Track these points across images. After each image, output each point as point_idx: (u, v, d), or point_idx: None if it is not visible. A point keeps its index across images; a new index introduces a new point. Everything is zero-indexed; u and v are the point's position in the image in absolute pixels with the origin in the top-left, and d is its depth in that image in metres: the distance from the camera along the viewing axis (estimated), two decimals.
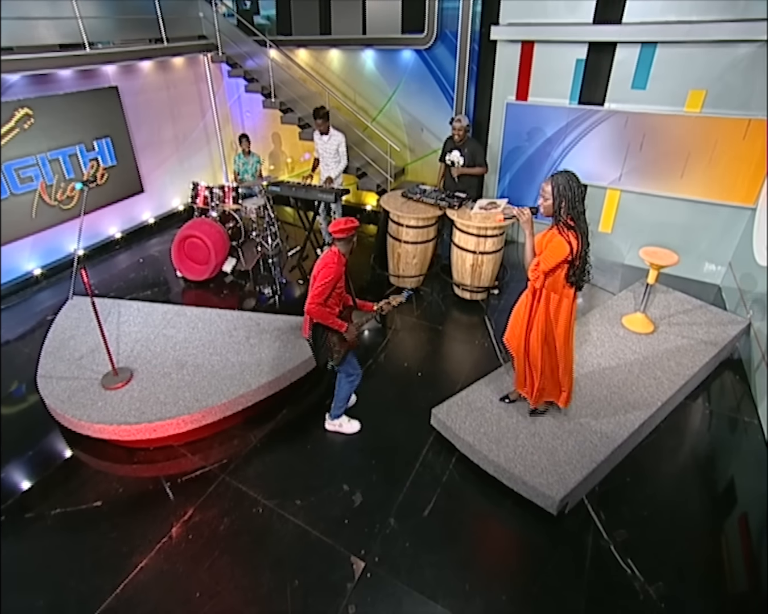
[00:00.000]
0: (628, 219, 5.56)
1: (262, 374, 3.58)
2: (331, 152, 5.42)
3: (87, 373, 3.61)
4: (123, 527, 2.81)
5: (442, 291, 5.20)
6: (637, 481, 3.06)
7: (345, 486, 3.03)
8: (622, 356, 3.84)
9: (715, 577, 2.55)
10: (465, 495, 2.98)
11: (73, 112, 5.52)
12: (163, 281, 5.46)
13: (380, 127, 6.54)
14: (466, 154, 4.89)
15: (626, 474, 3.10)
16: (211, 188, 5.58)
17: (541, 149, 5.70)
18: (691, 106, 4.85)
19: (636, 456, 3.22)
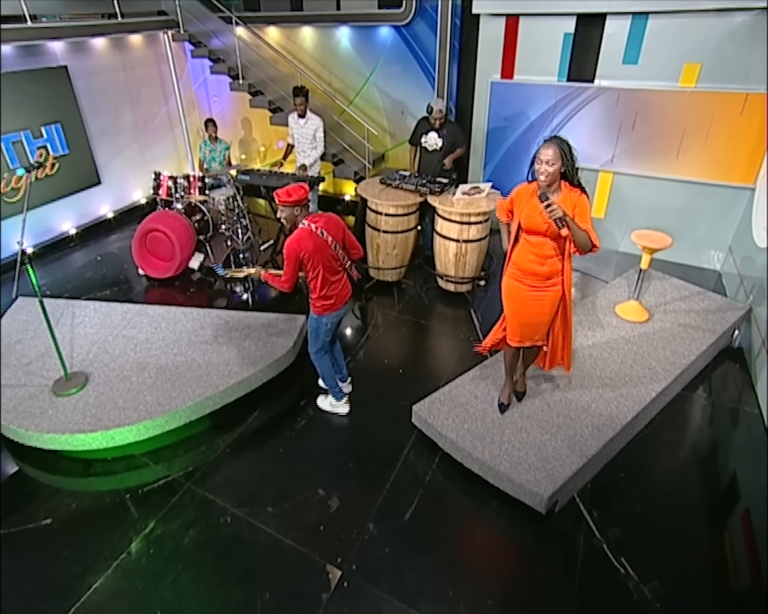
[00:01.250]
0: (621, 203, 5.66)
1: (231, 375, 3.58)
2: (308, 137, 5.43)
3: (36, 380, 3.57)
4: (76, 545, 2.78)
5: (425, 283, 5.25)
6: (632, 477, 3.12)
7: (321, 491, 3.04)
8: (614, 346, 3.90)
9: (714, 576, 2.60)
10: (448, 496, 3.01)
11: (16, 93, 5.40)
12: (123, 280, 5.42)
13: (357, 110, 6.57)
14: (444, 137, 4.93)
15: (620, 469, 3.15)
16: (174, 178, 5.54)
17: (529, 130, 5.77)
18: (685, 80, 4.95)
19: (630, 451, 3.27)
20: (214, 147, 6.18)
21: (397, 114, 6.47)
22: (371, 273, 5.22)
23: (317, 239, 2.99)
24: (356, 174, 6.38)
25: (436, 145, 5.00)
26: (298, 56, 6.67)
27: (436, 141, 4.98)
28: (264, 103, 6.48)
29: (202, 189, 5.64)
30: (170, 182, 5.56)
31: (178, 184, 5.55)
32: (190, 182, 5.61)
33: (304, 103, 5.25)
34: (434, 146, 5.02)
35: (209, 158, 6.24)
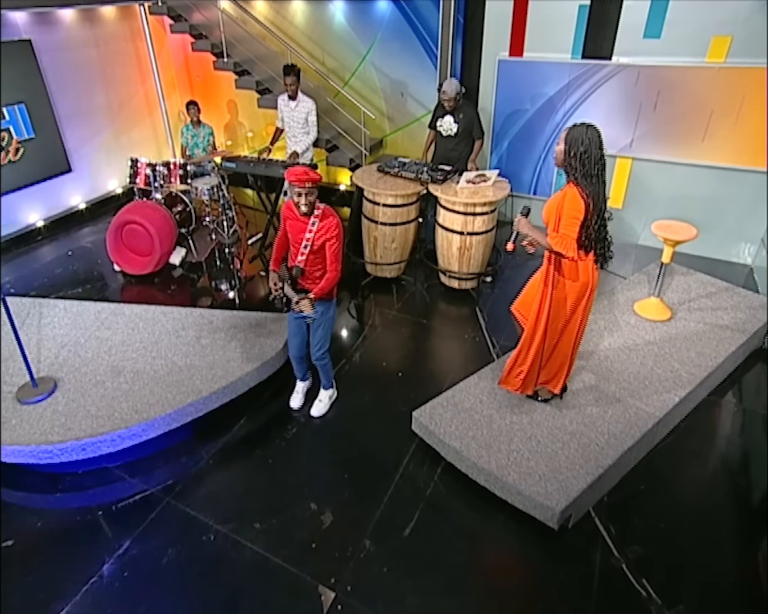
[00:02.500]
0: (641, 192, 5.67)
1: (215, 379, 3.59)
2: (300, 121, 5.45)
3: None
4: (41, 569, 2.77)
5: (427, 279, 5.26)
6: (653, 490, 3.13)
7: (312, 505, 3.05)
8: (633, 347, 3.92)
9: (745, 600, 2.59)
10: (452, 510, 3.02)
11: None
12: (97, 276, 5.43)
13: (353, 92, 6.58)
14: (460, 121, 4.96)
15: (640, 481, 3.16)
16: (153, 165, 5.55)
17: (540, 113, 5.79)
18: (713, 55, 4.96)
19: (651, 461, 3.28)
20: (197, 132, 6.19)
21: (396, 96, 6.49)
22: (368, 268, 5.24)
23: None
24: (352, 161, 6.39)
25: (451, 130, 5.02)
26: (288, 32, 6.69)
27: (451, 125, 5.00)
28: (251, 83, 6.50)
29: (184, 177, 5.66)
30: (149, 170, 5.56)
31: (157, 171, 5.56)
32: (170, 170, 5.63)
33: (295, 84, 5.26)
34: (449, 131, 5.04)
35: (192, 144, 6.25)
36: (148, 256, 5.23)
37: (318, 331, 3.37)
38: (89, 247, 6.04)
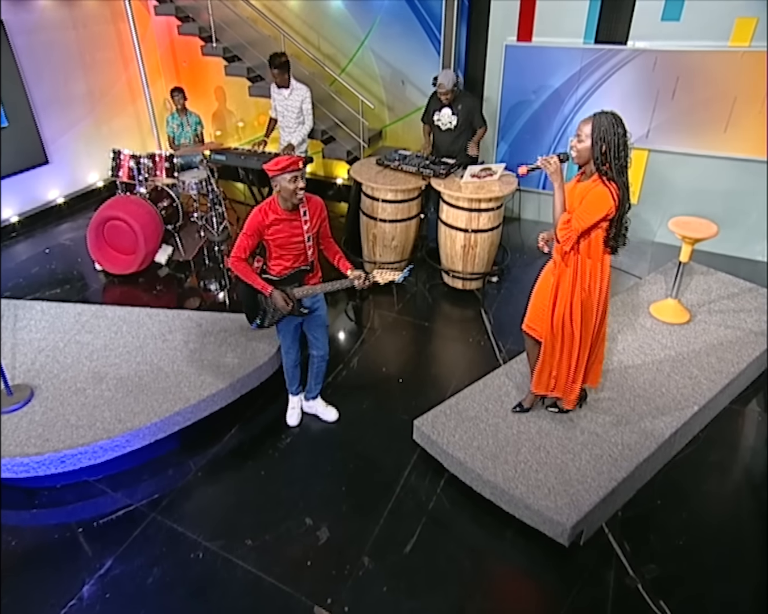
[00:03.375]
0: (658, 185, 5.70)
1: (204, 386, 3.62)
2: (294, 111, 5.47)
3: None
4: (15, 591, 2.77)
5: (429, 279, 5.30)
6: (671, 504, 3.15)
7: (308, 520, 3.07)
8: (649, 351, 3.94)
9: None
10: (456, 525, 3.04)
11: None
12: (77, 276, 5.45)
13: (351, 79, 6.61)
14: (459, 112, 4.99)
15: (656, 495, 3.18)
16: (137, 157, 5.56)
17: (550, 102, 5.83)
18: (737, 39, 4.98)
19: (668, 474, 3.31)
20: (183, 120, 6.23)
21: (397, 84, 6.52)
22: (366, 268, 5.25)
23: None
24: (349, 154, 6.42)
25: (450, 124, 5.05)
26: (281, 15, 6.72)
27: (450, 118, 5.03)
28: (241, 70, 6.53)
29: (170, 170, 5.68)
30: (132, 162, 5.57)
31: (141, 164, 5.57)
32: (155, 162, 5.65)
33: (282, 75, 5.25)
34: (448, 124, 5.07)
35: (178, 134, 6.29)
36: (131, 254, 5.26)
37: (322, 327, 3.45)
38: (68, 245, 6.06)
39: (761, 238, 5.44)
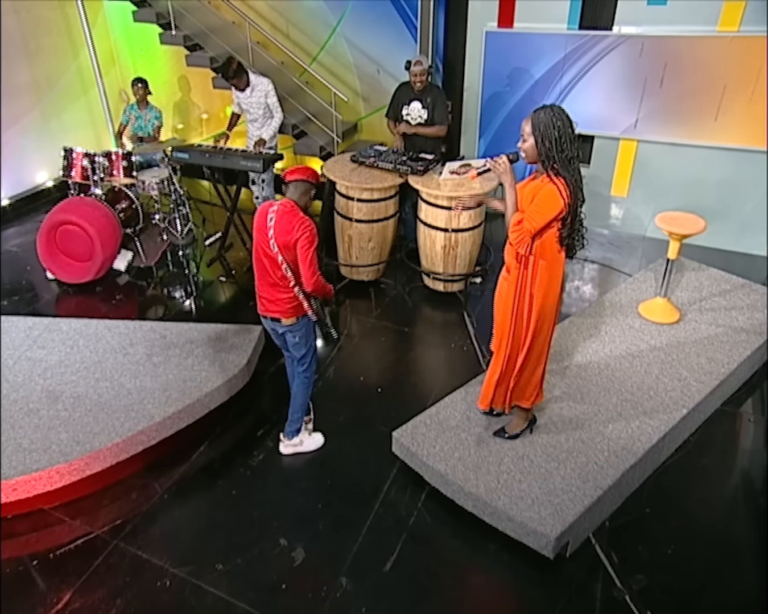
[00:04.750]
0: (648, 177, 5.89)
1: (170, 402, 3.66)
2: (259, 107, 5.56)
3: None
4: None
5: (409, 282, 5.41)
6: (660, 512, 3.28)
7: (282, 541, 3.15)
8: (637, 353, 4.10)
9: None
10: (437, 540, 3.15)
11: None
12: (26, 286, 5.44)
13: (322, 69, 6.72)
14: (429, 105, 5.09)
15: (645, 503, 3.31)
16: (92, 156, 5.56)
17: (533, 91, 5.98)
18: (725, 23, 5.16)
19: (657, 481, 3.44)
20: (142, 114, 6.27)
21: (372, 73, 6.64)
22: (342, 271, 5.37)
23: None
24: (322, 149, 6.51)
25: (421, 118, 5.16)
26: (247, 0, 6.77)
27: (420, 112, 5.14)
28: (204, 60, 6.59)
29: (129, 169, 5.71)
30: (86, 161, 5.56)
31: (96, 163, 5.56)
32: (112, 161, 5.66)
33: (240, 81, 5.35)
34: (418, 118, 5.17)
35: (135, 127, 6.30)
36: (87, 261, 5.26)
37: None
38: (15, 252, 6.03)
39: (756, 230, 5.60)
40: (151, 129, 6.25)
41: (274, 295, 3.26)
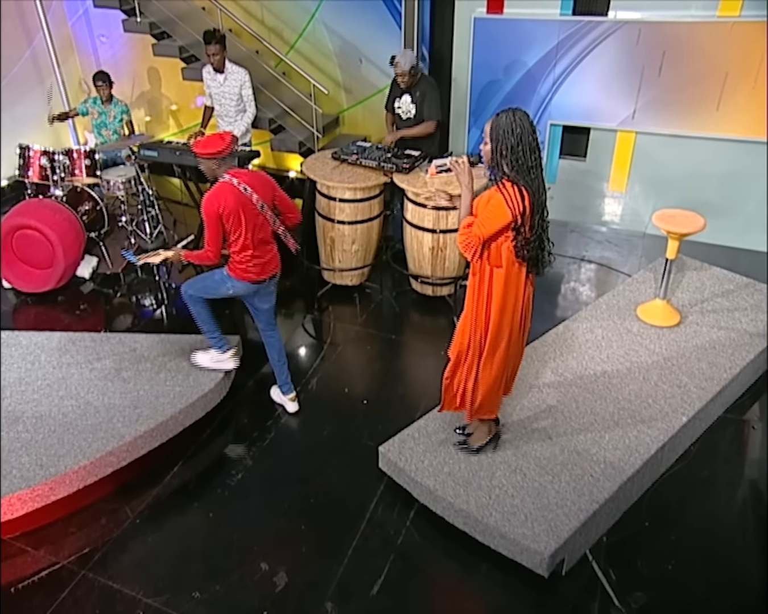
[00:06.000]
0: (646, 171, 6.02)
1: (141, 420, 3.71)
2: (231, 97, 5.62)
3: None
4: None
5: (396, 286, 5.50)
6: (659, 526, 3.37)
7: (263, 565, 3.20)
8: (635, 359, 4.21)
9: None
10: (427, 561, 3.24)
11: None
12: None
13: (301, 58, 6.78)
14: (417, 100, 5.18)
15: (643, 517, 3.41)
16: (51, 153, 5.57)
17: (525, 82, 6.09)
18: (726, 9, 5.28)
19: (656, 493, 3.54)
20: (106, 110, 6.28)
21: (354, 62, 6.71)
22: (325, 276, 5.44)
23: (240, 195, 3.55)
24: (302, 145, 6.58)
25: (410, 112, 5.25)
26: None
27: (409, 106, 5.24)
28: (173, 50, 6.63)
29: (92, 168, 5.73)
30: (44, 159, 5.56)
31: (56, 161, 5.57)
32: (73, 159, 5.67)
33: (219, 53, 5.41)
34: (407, 113, 5.27)
35: (98, 122, 6.30)
36: (48, 268, 5.27)
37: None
38: None
39: (761, 226, 5.68)
40: (118, 125, 6.25)
41: (270, 252, 3.84)
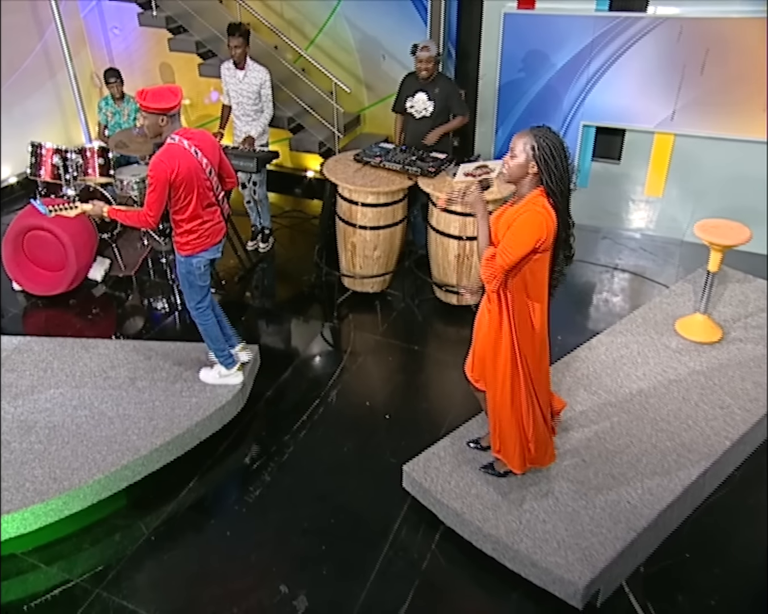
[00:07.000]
0: (686, 176, 5.98)
1: (157, 432, 3.75)
2: (250, 96, 5.65)
3: None
4: None
5: (419, 294, 5.49)
6: (701, 558, 3.33)
7: (283, 588, 3.21)
8: (673, 377, 4.18)
9: None
10: (454, 587, 3.24)
11: None
12: None
13: (322, 54, 6.82)
14: (436, 97, 5.18)
15: (684, 547, 3.37)
16: (63, 152, 5.63)
17: (556, 81, 6.08)
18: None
19: (698, 522, 3.50)
20: (119, 108, 6.36)
21: (376, 58, 6.73)
22: (345, 282, 5.46)
23: (191, 160, 3.56)
24: (322, 145, 6.60)
25: (426, 110, 5.26)
26: None
27: (425, 104, 5.24)
28: (189, 45, 6.68)
29: (105, 167, 5.78)
30: (56, 158, 5.61)
31: (69, 160, 5.63)
32: (86, 158, 5.72)
33: (242, 46, 5.45)
34: (423, 112, 5.28)
35: (112, 123, 6.42)
36: (59, 270, 5.33)
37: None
38: None
39: None
40: (132, 124, 6.32)
41: (215, 212, 3.87)
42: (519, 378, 3.11)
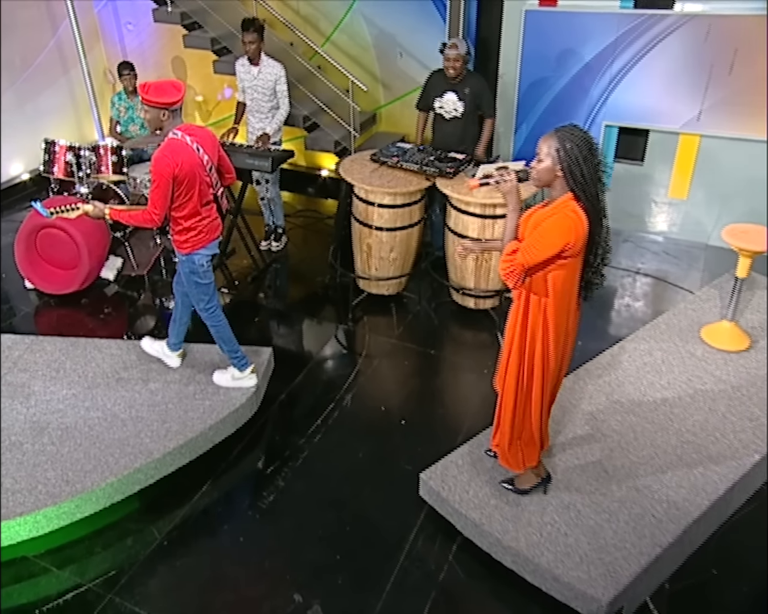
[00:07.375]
0: (712, 178, 5.91)
1: (170, 435, 3.77)
2: (265, 93, 5.66)
3: None
4: None
5: (435, 297, 5.48)
6: (728, 574, 3.28)
7: (297, 596, 3.21)
8: (699, 386, 4.13)
9: None
10: (472, 600, 3.22)
11: None
12: (2, 298, 5.52)
13: (338, 51, 6.82)
14: (467, 97, 5.17)
15: (710, 563, 3.32)
16: (77, 149, 5.66)
17: (578, 79, 6.03)
18: None
19: (725, 537, 3.45)
20: (133, 103, 6.38)
21: (393, 55, 6.73)
22: (361, 284, 5.46)
23: (193, 156, 3.60)
24: (337, 144, 6.59)
25: (456, 111, 5.24)
26: None
27: (456, 105, 5.23)
28: (204, 42, 6.69)
29: (118, 165, 5.80)
30: (70, 155, 5.64)
31: (82, 157, 5.65)
32: (99, 155, 5.73)
33: (256, 42, 5.46)
34: (453, 112, 5.26)
35: (126, 119, 6.43)
36: (72, 269, 5.36)
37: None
38: None
39: None
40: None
41: (212, 209, 3.89)
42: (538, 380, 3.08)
